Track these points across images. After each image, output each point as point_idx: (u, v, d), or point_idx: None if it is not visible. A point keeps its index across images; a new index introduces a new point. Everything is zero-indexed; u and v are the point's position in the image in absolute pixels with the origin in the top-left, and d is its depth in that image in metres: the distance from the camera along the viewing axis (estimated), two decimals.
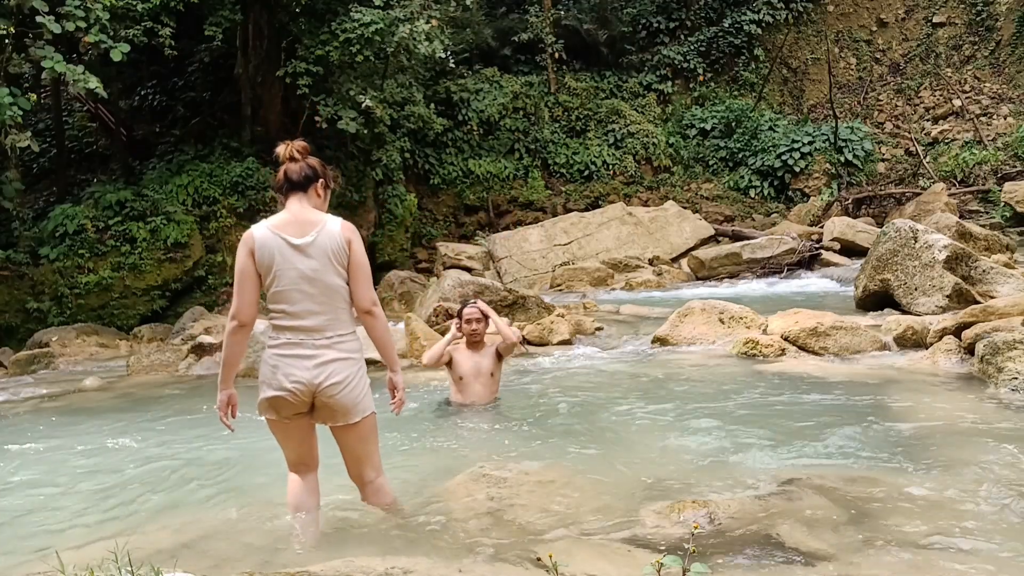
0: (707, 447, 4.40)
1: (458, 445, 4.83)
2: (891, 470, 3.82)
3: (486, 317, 5.61)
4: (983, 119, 19.95)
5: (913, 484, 3.53)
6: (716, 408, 5.26)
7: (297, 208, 3.23)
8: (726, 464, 4.06)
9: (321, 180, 3.31)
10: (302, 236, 3.16)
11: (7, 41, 10.26)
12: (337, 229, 3.18)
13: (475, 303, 5.70)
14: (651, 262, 15.22)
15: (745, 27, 21.66)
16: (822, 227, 15.88)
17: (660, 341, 7.74)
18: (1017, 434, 4.27)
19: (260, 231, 3.19)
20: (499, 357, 5.64)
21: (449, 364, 5.62)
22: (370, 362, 3.42)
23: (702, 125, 20.81)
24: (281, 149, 3.32)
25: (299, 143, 3.34)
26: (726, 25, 21.87)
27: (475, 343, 5.58)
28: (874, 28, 22.60)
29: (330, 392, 3.14)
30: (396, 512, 3.41)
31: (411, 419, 5.43)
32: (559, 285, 13.98)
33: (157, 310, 12.82)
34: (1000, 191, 16.28)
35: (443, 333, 8.44)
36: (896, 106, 21.34)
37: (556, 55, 20.35)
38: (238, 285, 3.19)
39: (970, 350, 5.84)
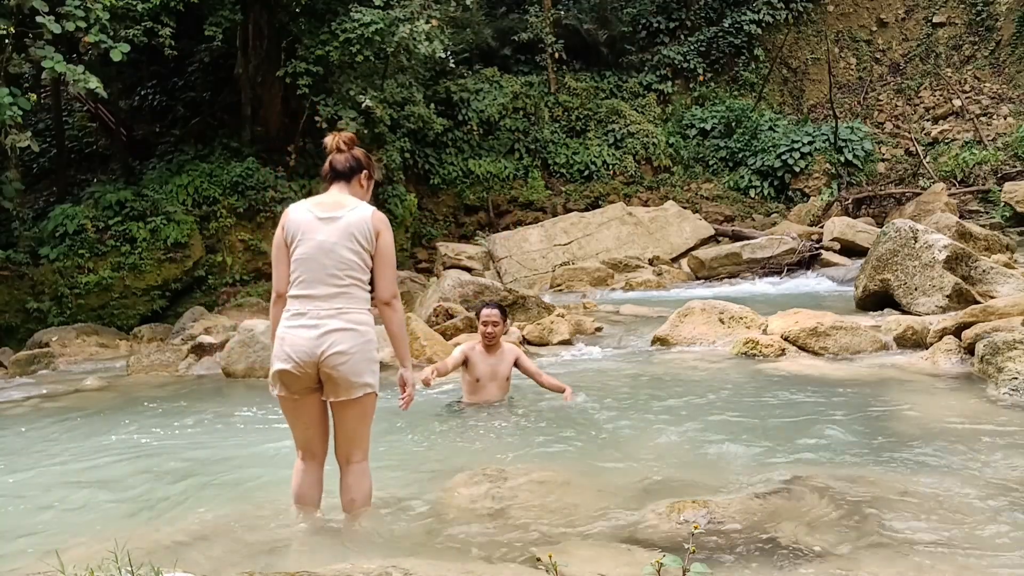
0: (707, 447, 4.39)
1: (458, 445, 4.83)
2: (891, 470, 3.82)
3: (504, 319, 5.61)
4: (983, 119, 19.95)
5: (913, 484, 3.53)
6: (716, 408, 5.26)
7: (336, 193, 3.37)
8: (726, 464, 4.06)
9: (365, 171, 3.44)
10: (331, 212, 3.28)
11: (7, 41, 10.26)
12: (368, 214, 3.29)
13: (494, 305, 5.67)
14: (651, 262, 15.21)
15: (745, 27, 21.66)
16: (822, 227, 15.88)
17: (660, 341, 7.74)
18: (1017, 434, 4.27)
19: (295, 207, 3.37)
20: (516, 364, 5.63)
21: (465, 364, 5.61)
22: (383, 366, 3.42)
23: (702, 125, 20.81)
24: (329, 140, 3.45)
25: (346, 134, 3.48)
26: (726, 25, 21.87)
27: (491, 346, 5.56)
28: (874, 28, 22.60)
29: (332, 362, 3.15)
30: (367, 506, 3.38)
31: (416, 417, 5.42)
32: (559, 285, 13.97)
33: (157, 310, 12.82)
34: (1000, 191, 16.28)
35: (443, 333, 8.48)
36: (896, 106, 21.34)
37: (556, 55, 20.34)
38: (274, 261, 3.38)
39: (970, 350, 5.84)
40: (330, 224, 3.25)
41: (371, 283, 3.34)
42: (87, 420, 6.33)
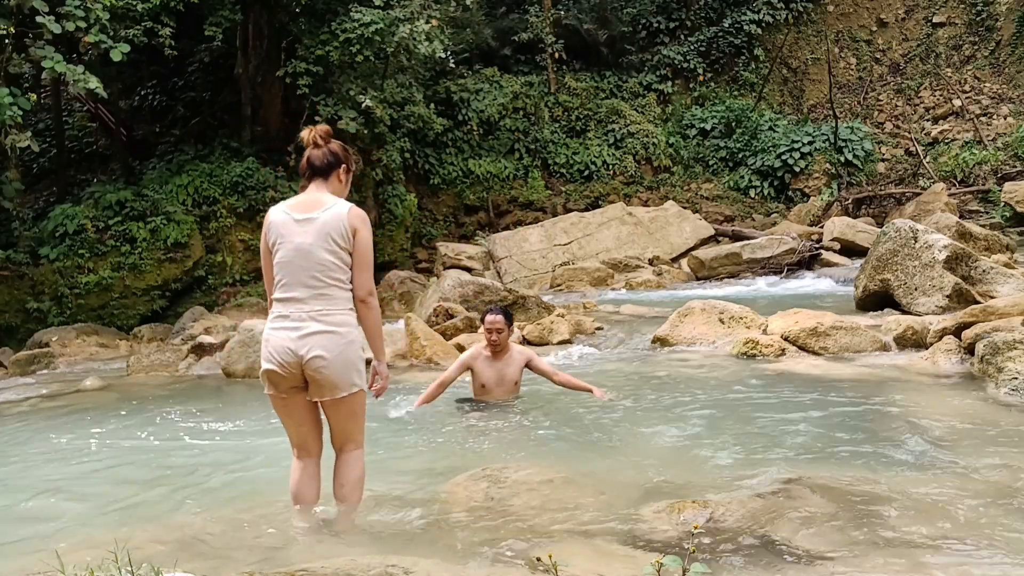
0: (707, 447, 4.39)
1: (460, 444, 4.82)
2: (891, 470, 3.82)
3: (509, 325, 5.54)
4: (983, 119, 19.95)
5: (913, 484, 3.53)
6: (716, 408, 5.26)
7: (314, 191, 3.36)
8: (726, 464, 4.06)
9: (343, 165, 3.42)
10: (307, 213, 3.27)
11: (7, 41, 10.26)
12: (344, 212, 3.27)
13: (498, 311, 5.58)
14: (651, 262, 15.21)
15: (745, 27, 21.65)
16: (822, 227, 15.87)
17: (660, 341, 7.73)
18: (1017, 434, 4.27)
19: (274, 211, 3.38)
20: (529, 367, 5.56)
21: (471, 370, 5.55)
22: (370, 361, 3.43)
23: (702, 125, 20.80)
24: (305, 134, 3.42)
25: (322, 127, 3.45)
26: (726, 25, 21.86)
27: (496, 352, 5.50)
28: (874, 28, 22.59)
29: (315, 365, 3.19)
30: (357, 493, 3.42)
31: (420, 416, 5.42)
32: (559, 285, 13.97)
33: (157, 310, 12.82)
34: (1000, 191, 16.27)
35: (443, 333, 8.47)
36: (896, 106, 21.33)
37: (556, 55, 20.34)
38: (263, 269, 3.42)
39: (970, 350, 5.83)
40: (307, 226, 3.25)
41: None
42: (87, 420, 6.33)
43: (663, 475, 3.90)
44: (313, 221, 3.25)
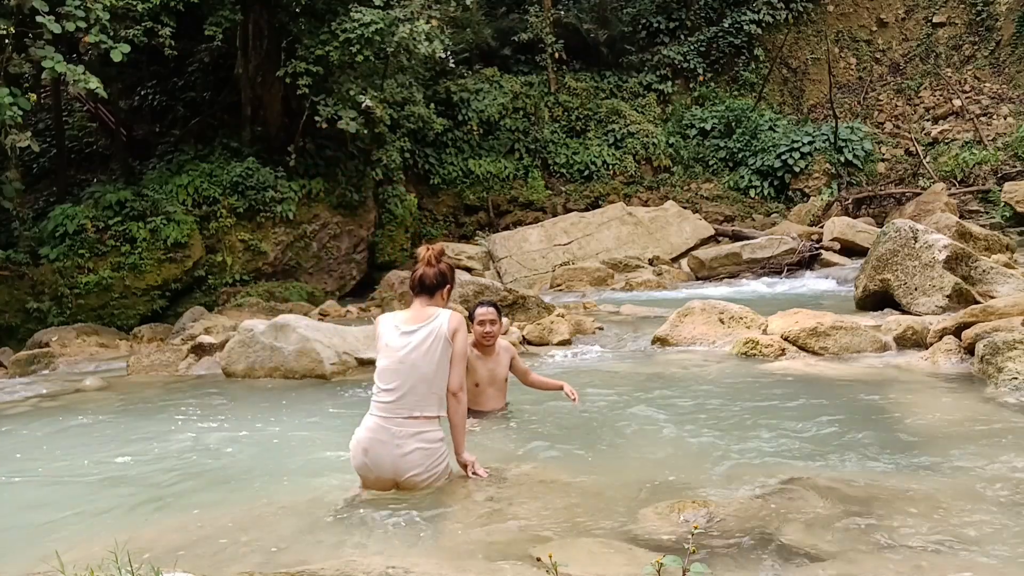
0: (707, 447, 4.39)
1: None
2: (891, 470, 3.82)
3: (500, 318, 5.36)
4: (983, 119, 19.95)
5: (913, 484, 3.53)
6: (716, 408, 5.26)
7: (418, 307, 3.70)
8: (726, 464, 4.05)
9: (448, 286, 3.78)
10: (413, 324, 3.64)
11: (7, 41, 10.26)
12: (445, 320, 3.62)
13: (489, 303, 5.35)
14: (651, 262, 15.21)
15: (745, 27, 21.66)
16: (822, 227, 15.87)
17: (660, 341, 7.73)
18: (1017, 434, 4.27)
19: (384, 318, 3.80)
20: (510, 365, 5.49)
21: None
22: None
23: (702, 125, 20.81)
24: (422, 251, 3.78)
25: (438, 247, 3.81)
26: (726, 25, 21.87)
27: (487, 347, 5.25)
28: (874, 28, 22.59)
29: (411, 483, 3.58)
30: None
31: None
32: (559, 285, 13.97)
33: (157, 310, 12.82)
34: (1000, 191, 16.27)
35: None
36: (896, 106, 21.33)
37: (556, 55, 20.35)
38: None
39: (970, 350, 5.83)
40: (409, 337, 3.60)
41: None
42: (87, 420, 6.32)
43: (663, 475, 3.90)
44: (416, 332, 3.60)
